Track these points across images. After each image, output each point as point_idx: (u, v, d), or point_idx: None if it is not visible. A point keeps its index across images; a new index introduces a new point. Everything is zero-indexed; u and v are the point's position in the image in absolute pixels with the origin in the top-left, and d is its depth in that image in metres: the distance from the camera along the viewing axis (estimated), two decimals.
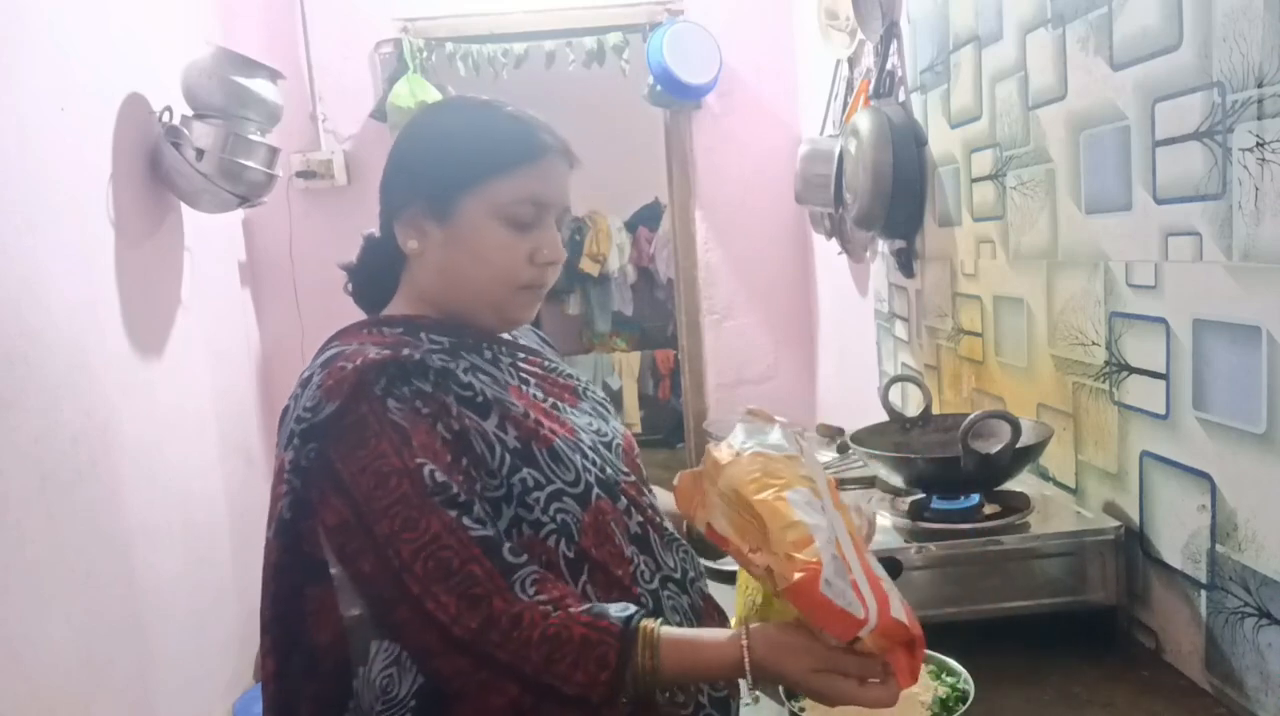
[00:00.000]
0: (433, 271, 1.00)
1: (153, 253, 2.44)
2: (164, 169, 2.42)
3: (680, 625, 0.96)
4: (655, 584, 0.97)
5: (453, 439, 0.90)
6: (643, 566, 0.97)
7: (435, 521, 0.85)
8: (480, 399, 0.93)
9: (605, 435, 1.05)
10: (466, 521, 0.86)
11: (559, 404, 1.04)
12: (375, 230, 1.07)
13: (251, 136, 2.49)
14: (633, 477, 1.03)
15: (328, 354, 0.94)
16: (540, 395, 1.02)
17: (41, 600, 1.73)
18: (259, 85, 2.53)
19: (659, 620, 0.88)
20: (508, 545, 0.87)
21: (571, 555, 0.92)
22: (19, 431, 1.73)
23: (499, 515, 0.90)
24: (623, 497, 0.99)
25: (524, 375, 1.03)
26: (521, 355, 1.06)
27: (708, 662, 0.86)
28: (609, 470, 0.99)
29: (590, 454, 0.98)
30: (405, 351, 0.92)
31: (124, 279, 2.22)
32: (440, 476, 0.86)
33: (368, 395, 0.88)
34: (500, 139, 0.99)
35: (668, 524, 1.05)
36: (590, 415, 1.06)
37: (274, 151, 2.57)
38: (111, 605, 1.98)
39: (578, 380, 1.11)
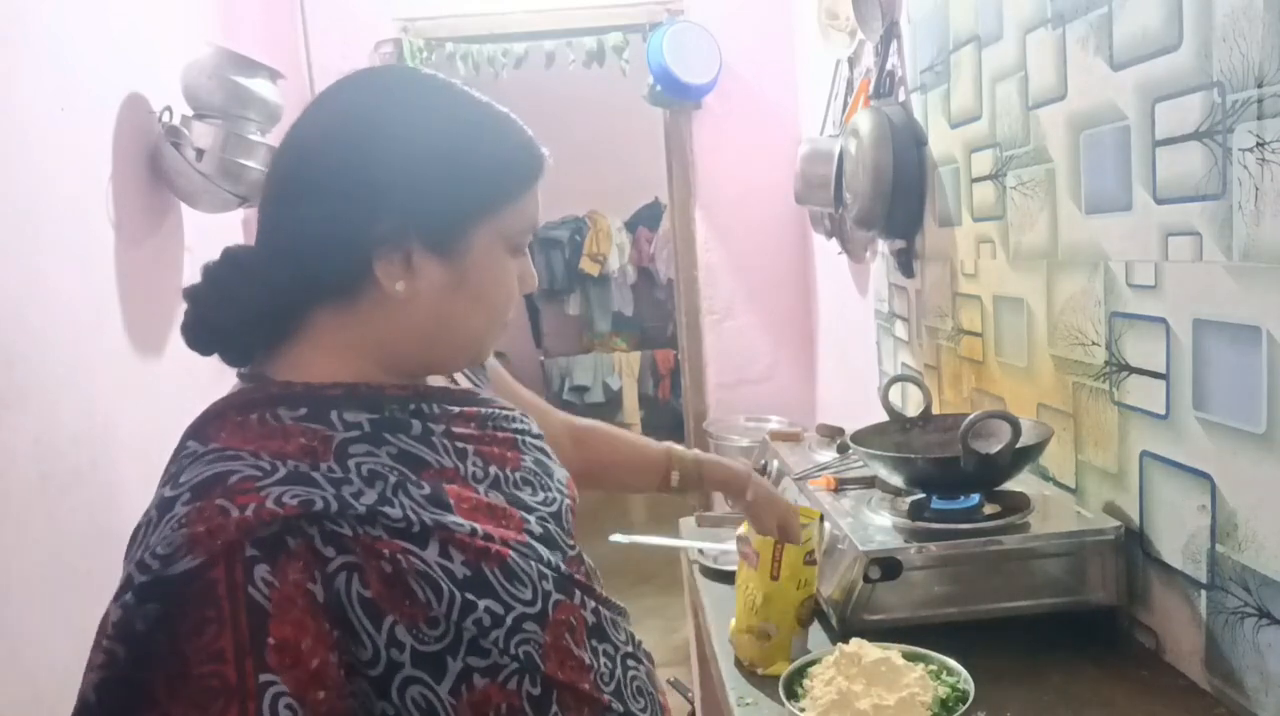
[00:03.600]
0: (410, 317, 0.79)
1: (153, 253, 2.44)
2: (164, 169, 2.42)
3: (645, 707, 0.87)
4: (619, 672, 0.86)
5: (375, 596, 0.68)
6: (603, 663, 0.84)
7: None
8: (416, 528, 0.72)
9: (553, 503, 0.87)
10: None
11: (500, 475, 0.84)
12: (242, 247, 0.82)
13: (251, 136, 2.49)
14: (576, 550, 0.88)
15: (206, 473, 0.69)
16: (480, 472, 0.83)
17: (41, 600, 1.73)
18: (259, 85, 2.53)
19: None
20: None
21: (538, 691, 0.76)
22: (19, 431, 1.73)
23: (441, 674, 0.71)
24: (576, 590, 0.83)
25: (460, 445, 0.83)
26: (455, 410, 0.85)
27: None
28: (562, 564, 0.82)
29: (543, 551, 0.81)
30: (319, 502, 0.68)
31: (124, 279, 2.22)
32: (286, 702, 0.62)
33: (234, 556, 0.64)
34: (515, 154, 0.82)
35: (600, 587, 0.90)
36: (534, 478, 0.88)
37: (274, 151, 2.57)
38: None
39: (512, 423, 0.91)
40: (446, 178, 0.77)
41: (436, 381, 0.90)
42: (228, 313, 0.79)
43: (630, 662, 0.88)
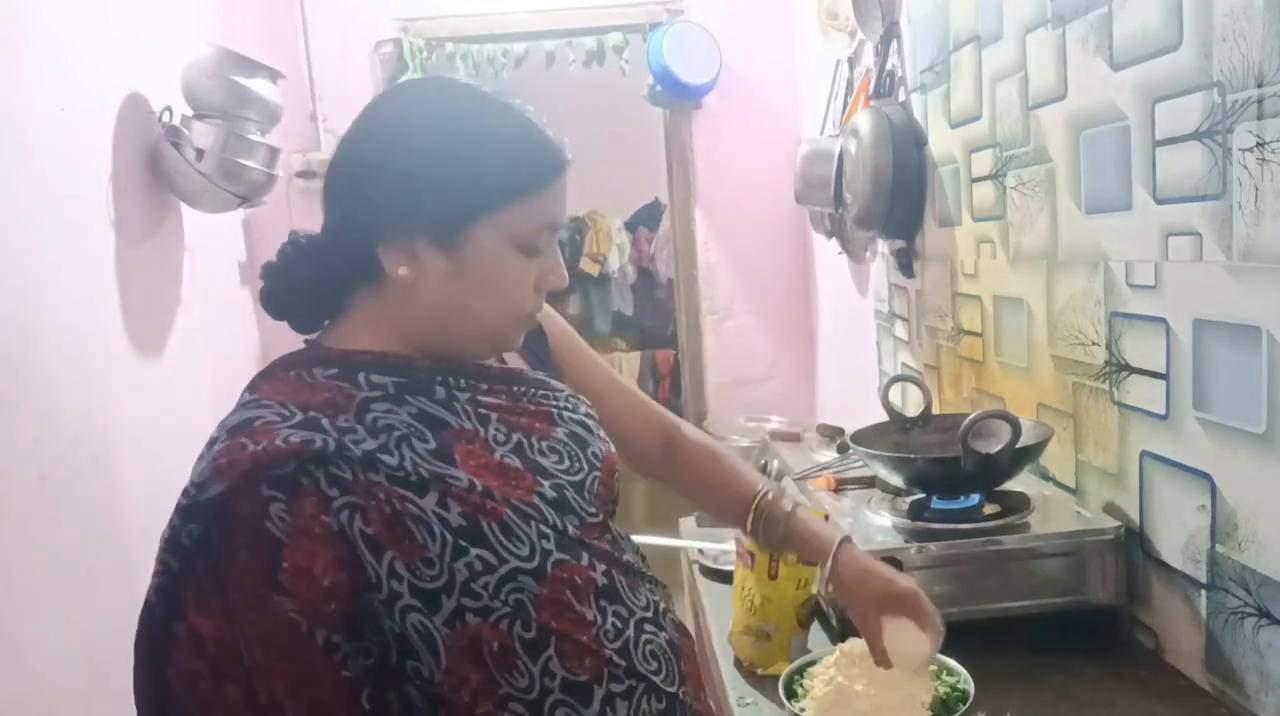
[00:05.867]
0: (423, 302, 0.87)
1: (153, 253, 2.44)
2: (164, 169, 2.42)
3: (658, 670, 0.89)
4: (630, 631, 0.89)
5: (376, 533, 0.78)
6: (611, 622, 0.88)
7: (311, 656, 0.76)
8: (414, 478, 0.81)
9: (576, 472, 0.93)
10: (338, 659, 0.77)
11: (524, 441, 0.91)
12: (305, 232, 0.94)
13: (251, 136, 2.49)
14: (599, 517, 0.93)
15: (239, 417, 0.81)
16: (502, 436, 0.90)
17: (41, 600, 1.73)
18: (259, 85, 2.53)
19: None
20: (365, 691, 0.78)
21: (530, 635, 0.82)
22: (19, 431, 1.73)
23: (436, 608, 0.79)
24: (585, 553, 0.89)
25: (483, 412, 0.90)
26: (484, 386, 0.92)
27: None
28: (571, 527, 0.88)
29: (550, 513, 0.87)
30: (319, 442, 0.78)
31: (124, 279, 2.22)
32: (293, 617, 0.76)
33: (253, 491, 0.76)
34: (523, 156, 0.87)
35: (633, 558, 0.96)
36: (562, 448, 0.94)
37: (274, 151, 2.57)
38: (111, 605, 1.98)
39: (555, 400, 0.97)
40: (448, 177, 0.84)
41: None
42: (286, 286, 0.92)
43: (648, 627, 0.91)
